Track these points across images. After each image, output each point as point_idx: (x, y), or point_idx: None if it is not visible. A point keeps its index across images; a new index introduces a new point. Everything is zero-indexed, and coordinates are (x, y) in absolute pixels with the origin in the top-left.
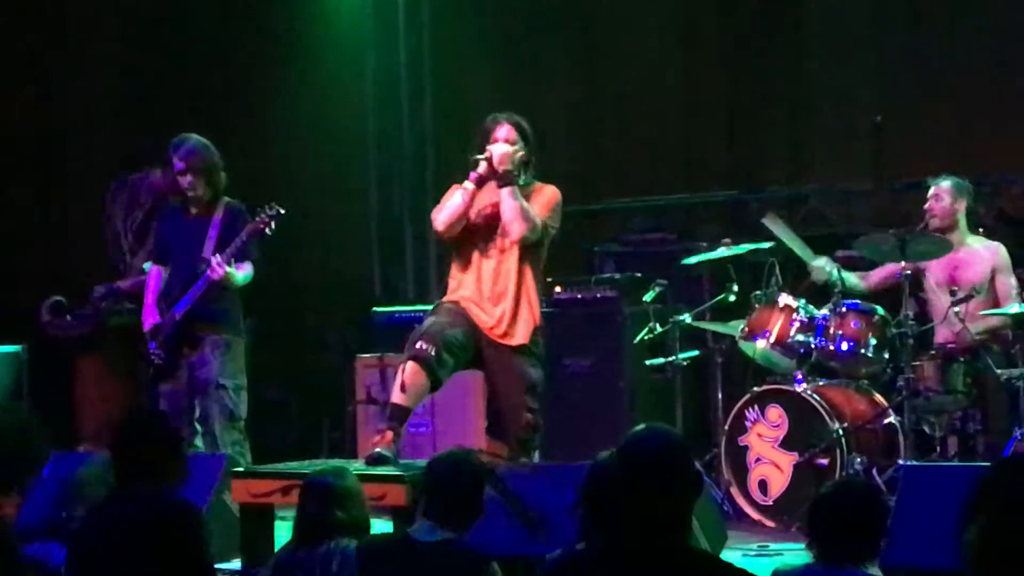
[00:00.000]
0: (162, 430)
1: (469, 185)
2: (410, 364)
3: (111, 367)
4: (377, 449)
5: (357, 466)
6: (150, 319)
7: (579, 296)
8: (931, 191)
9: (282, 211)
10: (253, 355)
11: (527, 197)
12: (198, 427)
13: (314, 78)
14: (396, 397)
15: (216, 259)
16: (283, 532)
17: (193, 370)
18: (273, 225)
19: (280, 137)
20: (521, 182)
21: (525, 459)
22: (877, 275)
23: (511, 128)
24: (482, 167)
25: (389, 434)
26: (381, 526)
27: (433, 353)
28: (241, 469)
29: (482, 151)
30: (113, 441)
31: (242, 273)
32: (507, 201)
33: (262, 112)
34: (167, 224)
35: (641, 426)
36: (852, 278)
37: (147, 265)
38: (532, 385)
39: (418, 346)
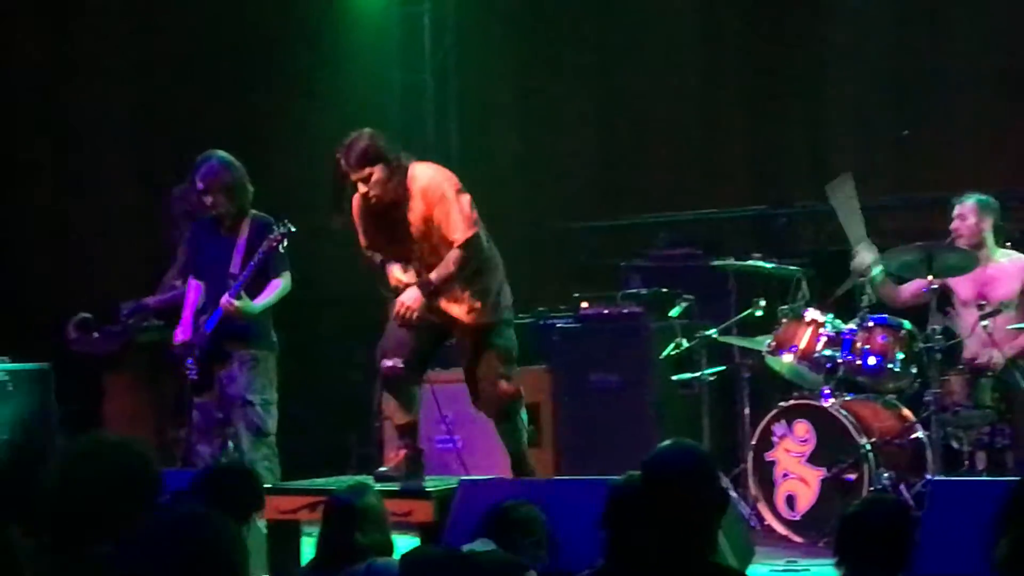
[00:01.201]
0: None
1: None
2: (385, 394)
3: (139, 384)
4: (382, 468)
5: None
6: (181, 335)
7: (605, 311)
8: (956, 210)
9: (292, 228)
10: (279, 370)
11: (409, 196)
12: (231, 442)
13: (339, 93)
14: (394, 418)
15: (224, 298)
16: (310, 548)
17: (223, 385)
18: (285, 243)
19: (305, 152)
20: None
21: (510, 428)
22: (907, 290)
23: (358, 169)
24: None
25: (402, 452)
26: (407, 542)
27: (401, 364)
28: (268, 485)
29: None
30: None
31: (264, 298)
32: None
33: (287, 127)
34: (199, 240)
35: (667, 442)
36: (885, 281)
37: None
38: (501, 353)
39: (384, 365)
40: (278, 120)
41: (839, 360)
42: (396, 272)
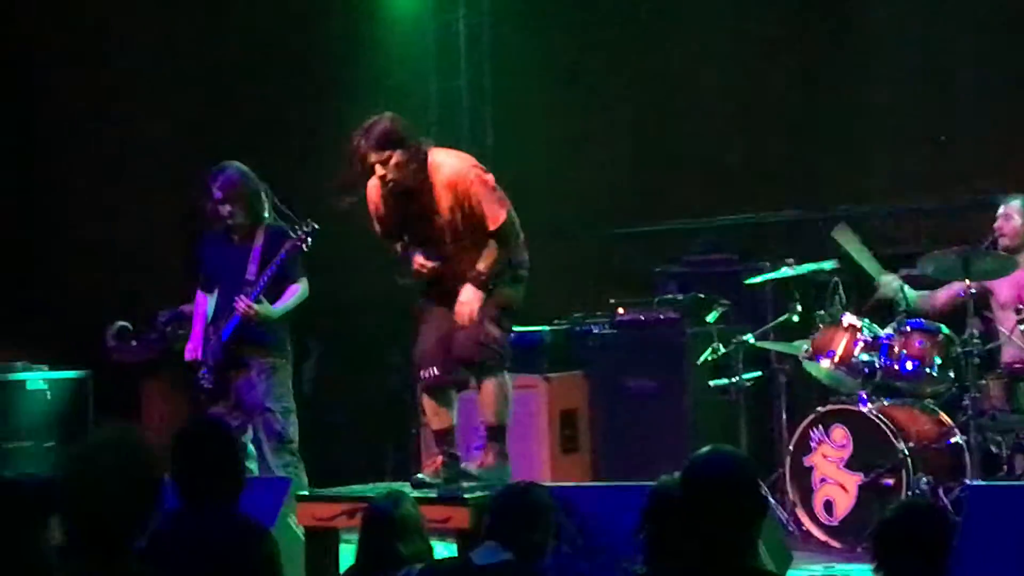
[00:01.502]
0: (220, 435)
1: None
2: (425, 397)
3: (176, 391)
4: (418, 474)
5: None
6: (192, 352)
7: (642, 317)
8: (1001, 211)
9: (316, 227)
10: (316, 377)
11: (431, 186)
12: (252, 450)
13: (376, 101)
14: (432, 423)
15: (241, 299)
16: (348, 556)
17: (240, 393)
18: (310, 242)
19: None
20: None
21: (496, 385)
22: (944, 295)
23: (375, 152)
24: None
25: (439, 459)
26: (445, 549)
27: (438, 372)
28: (306, 492)
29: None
30: (173, 452)
31: (283, 303)
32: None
33: (324, 135)
34: (211, 251)
35: (706, 448)
36: (917, 298)
37: None
38: (501, 299)
39: (423, 376)
40: (314, 129)
41: (876, 365)
42: (420, 259)
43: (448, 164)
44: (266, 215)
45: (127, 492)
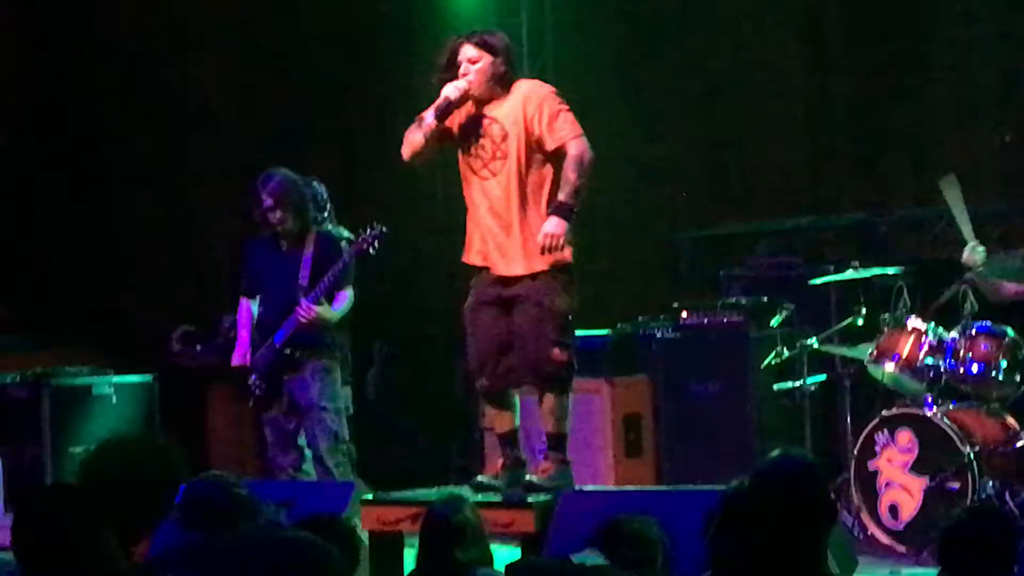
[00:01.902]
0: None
1: (429, 119)
2: (485, 403)
3: (241, 396)
4: (479, 477)
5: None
6: (239, 358)
7: (705, 321)
8: None
9: (384, 230)
10: (380, 381)
11: (507, 100)
12: (307, 452)
13: None
14: (495, 427)
15: (304, 304)
16: (412, 560)
17: (293, 394)
18: (376, 245)
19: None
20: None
21: (558, 398)
22: (1013, 285)
23: (473, 47)
24: (448, 103)
25: (500, 462)
26: (508, 553)
27: (487, 383)
28: (370, 496)
29: (447, 75)
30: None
31: (338, 307)
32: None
33: (386, 143)
34: (258, 257)
35: (775, 452)
36: (992, 277)
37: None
38: (559, 313)
39: (481, 385)
40: (377, 136)
41: (942, 368)
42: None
43: (529, 81)
44: (317, 221)
45: (137, 494)
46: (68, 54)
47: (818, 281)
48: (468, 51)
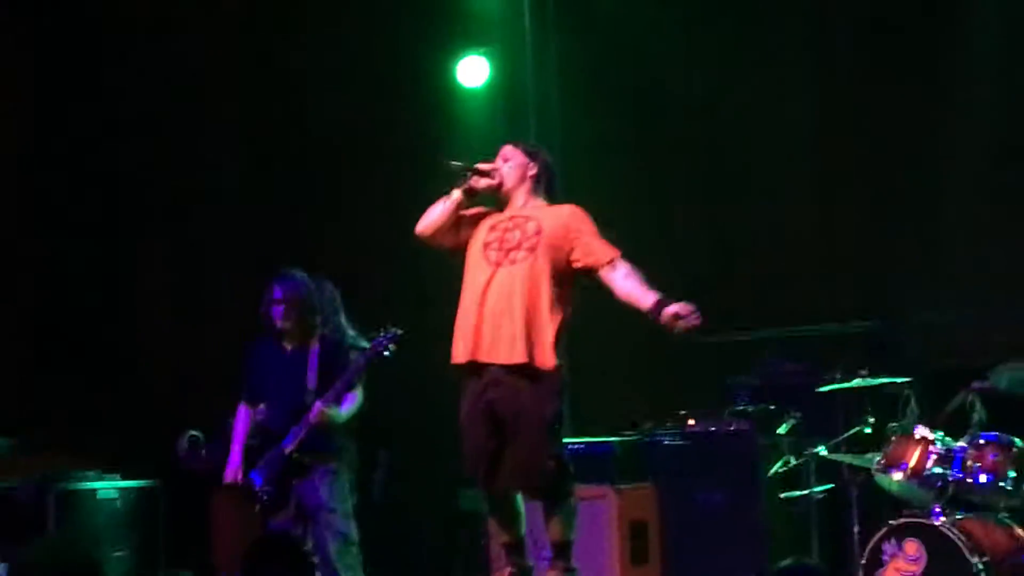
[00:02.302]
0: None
1: (455, 193)
2: (489, 515)
3: (247, 502)
4: None
5: None
6: (231, 475)
7: (712, 428)
8: None
9: (400, 332)
10: (384, 486)
11: (549, 208)
12: (316, 556)
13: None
14: (499, 537)
15: (317, 405)
16: None
17: (301, 498)
18: (392, 347)
19: (416, 273)
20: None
21: (560, 506)
22: None
23: (510, 147)
24: (478, 181)
25: (507, 570)
26: None
27: (488, 491)
28: None
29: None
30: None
31: (347, 408)
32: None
33: (395, 207)
34: (262, 361)
35: (788, 560)
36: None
37: None
38: (550, 423)
39: (480, 488)
40: (385, 235)
41: (950, 478)
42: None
43: (573, 205)
44: (322, 325)
45: None
46: (81, 139)
47: (826, 388)
48: (505, 150)
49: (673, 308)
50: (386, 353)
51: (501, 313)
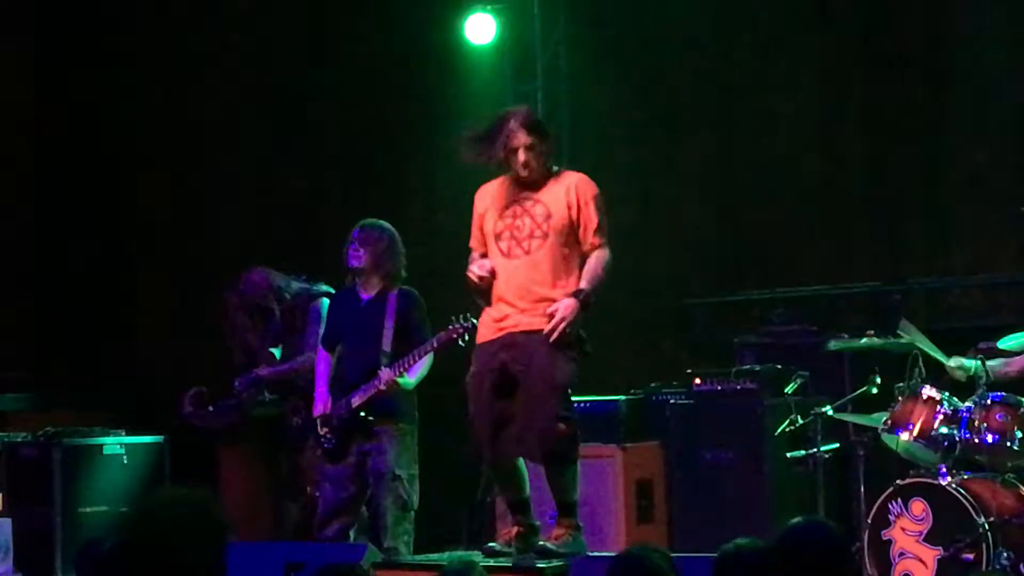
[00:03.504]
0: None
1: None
2: (495, 474)
3: (254, 457)
4: (491, 543)
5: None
6: (320, 407)
7: (719, 388)
8: None
9: (475, 321)
10: None
11: (553, 185)
12: (364, 513)
13: (454, 173)
14: (505, 496)
15: (385, 373)
16: None
17: (367, 458)
18: (467, 337)
19: (423, 231)
20: (554, 169)
21: (566, 470)
22: (1019, 362)
23: (526, 133)
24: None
25: (513, 529)
26: None
27: (491, 456)
28: (378, 560)
29: (486, 146)
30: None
31: (415, 374)
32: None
33: (406, 208)
34: (340, 311)
35: (799, 518)
36: (995, 365)
37: (277, 351)
38: (561, 387)
39: (484, 458)
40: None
41: (956, 438)
42: (473, 266)
43: (579, 174)
44: (402, 278)
45: (193, 552)
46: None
47: (833, 346)
48: (522, 137)
49: (561, 305)
50: (460, 342)
51: (522, 299)
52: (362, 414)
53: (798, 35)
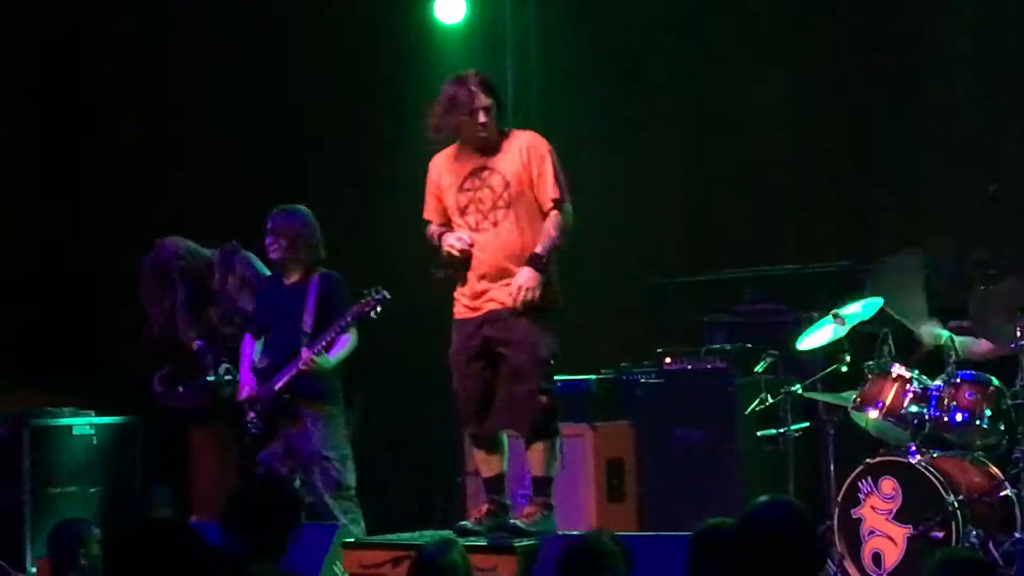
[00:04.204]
0: (283, 496)
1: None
2: (474, 447)
3: (224, 438)
4: (462, 522)
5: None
6: (247, 390)
7: (689, 367)
8: None
9: (387, 295)
10: (365, 429)
11: (506, 148)
12: (310, 498)
13: (423, 151)
14: (481, 471)
15: (305, 354)
16: None
17: (291, 441)
18: (379, 309)
19: (385, 218)
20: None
21: (547, 443)
22: (986, 345)
23: (484, 94)
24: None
25: (484, 507)
26: None
27: (477, 429)
28: (352, 540)
29: (450, 116)
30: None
31: (336, 355)
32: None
33: (370, 195)
34: (265, 296)
35: (764, 497)
36: (965, 342)
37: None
38: (545, 359)
39: (468, 433)
40: (365, 191)
41: (926, 416)
42: (450, 239)
43: (529, 133)
44: (322, 261)
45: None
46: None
47: (801, 347)
48: (481, 98)
49: (519, 278)
50: (372, 315)
51: (499, 271)
52: (286, 396)
53: (771, 16)
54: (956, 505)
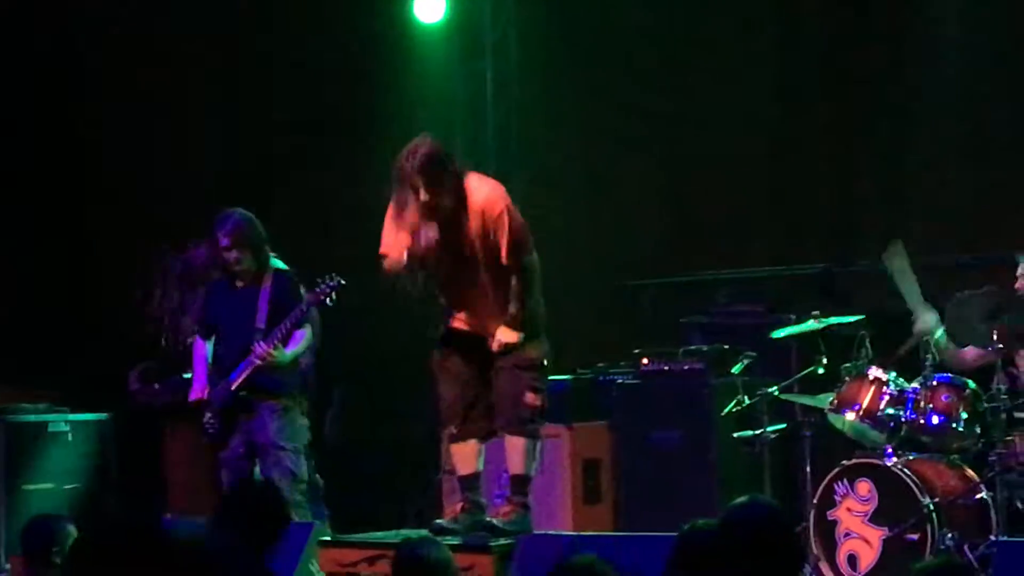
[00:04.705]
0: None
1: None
2: (451, 445)
3: (199, 436)
4: (438, 520)
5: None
6: (197, 392)
7: (666, 368)
8: (1020, 268)
9: (342, 281)
10: (339, 425)
11: (470, 212)
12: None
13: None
14: (458, 469)
15: (259, 347)
16: None
17: (250, 435)
18: (334, 296)
19: (372, 211)
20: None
21: (528, 441)
22: (971, 352)
23: (426, 191)
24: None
25: (458, 505)
26: None
27: (456, 431)
28: (328, 538)
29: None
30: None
31: (293, 347)
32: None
33: (353, 187)
34: (216, 299)
35: (743, 498)
36: (949, 351)
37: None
38: (532, 363)
39: (447, 433)
40: (348, 183)
41: (902, 419)
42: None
43: (481, 190)
44: (272, 262)
45: None
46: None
47: (778, 334)
48: (424, 195)
49: (500, 337)
50: (328, 302)
51: (483, 325)
52: (242, 394)
53: (750, 15)
54: (932, 508)
